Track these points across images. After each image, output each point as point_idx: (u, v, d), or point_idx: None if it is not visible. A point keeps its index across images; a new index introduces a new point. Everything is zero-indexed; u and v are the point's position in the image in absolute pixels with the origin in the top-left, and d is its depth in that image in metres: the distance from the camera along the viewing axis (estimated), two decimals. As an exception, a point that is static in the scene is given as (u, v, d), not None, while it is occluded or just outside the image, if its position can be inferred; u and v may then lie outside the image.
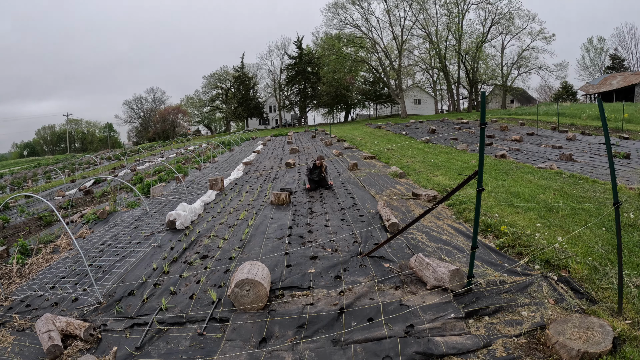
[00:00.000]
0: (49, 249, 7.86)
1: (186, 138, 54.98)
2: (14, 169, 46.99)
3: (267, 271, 4.59)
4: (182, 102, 72.20)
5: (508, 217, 6.10)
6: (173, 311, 4.31)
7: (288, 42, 58.87)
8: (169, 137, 64.06)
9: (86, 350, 3.84)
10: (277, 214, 7.71)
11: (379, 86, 54.33)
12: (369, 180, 10.40)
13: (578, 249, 4.70)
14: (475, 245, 3.87)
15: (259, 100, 62.36)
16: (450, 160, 12.49)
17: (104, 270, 5.86)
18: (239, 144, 30.58)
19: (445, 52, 46.33)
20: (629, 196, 6.92)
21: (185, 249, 6.29)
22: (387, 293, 4.17)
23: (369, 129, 30.49)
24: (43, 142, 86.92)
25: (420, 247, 5.37)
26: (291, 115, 62.18)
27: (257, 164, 16.95)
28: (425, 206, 7.46)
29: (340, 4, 44.83)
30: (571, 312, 3.54)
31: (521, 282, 4.12)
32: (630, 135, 17.81)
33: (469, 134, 21.26)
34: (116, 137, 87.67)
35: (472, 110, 45.89)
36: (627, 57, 53.06)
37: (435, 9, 45.43)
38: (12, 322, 4.68)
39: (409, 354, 3.16)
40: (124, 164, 29.59)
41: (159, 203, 10.76)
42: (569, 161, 12.09)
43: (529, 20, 42.97)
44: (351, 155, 16.03)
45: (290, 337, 3.63)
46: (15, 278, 6.43)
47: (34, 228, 10.34)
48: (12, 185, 27.28)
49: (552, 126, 22.02)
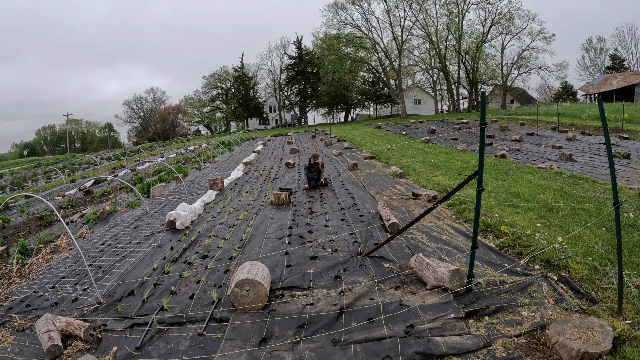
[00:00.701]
0: (49, 249, 7.86)
1: (186, 138, 54.99)
2: (14, 169, 47.00)
3: (267, 271, 4.59)
4: (181, 103, 72.28)
5: (508, 217, 6.11)
6: (173, 311, 4.31)
7: (288, 42, 58.99)
8: (169, 137, 64.06)
9: (86, 350, 3.84)
10: (277, 214, 7.71)
11: (379, 86, 54.32)
12: (369, 180, 10.40)
13: (578, 249, 4.70)
14: (475, 245, 3.87)
15: (259, 100, 62.37)
16: (450, 160, 12.49)
17: (104, 270, 5.86)
18: (239, 144, 30.58)
19: (445, 52, 46.35)
20: (629, 196, 6.92)
21: (185, 249, 6.30)
22: (387, 293, 4.17)
23: (369, 129, 30.49)
24: (43, 142, 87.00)
25: (420, 247, 5.37)
26: (291, 115, 62.18)
27: (257, 164, 16.95)
28: (425, 206, 7.46)
29: (340, 4, 44.92)
30: (571, 312, 3.54)
31: (521, 282, 4.12)
32: (630, 135, 17.82)
33: (469, 134, 21.27)
34: (116, 137, 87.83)
35: (472, 110, 45.91)
36: (627, 57, 53.21)
37: (435, 9, 45.53)
38: (12, 322, 4.68)
39: (409, 354, 3.16)
40: (124, 164, 29.59)
41: (159, 203, 10.77)
42: (569, 161, 12.09)
43: (529, 20, 43.08)
44: (351, 155, 16.03)
45: (290, 337, 3.63)
46: (15, 278, 6.43)
47: (34, 228, 10.34)
48: (12, 185, 27.26)
49: (552, 126, 22.03)
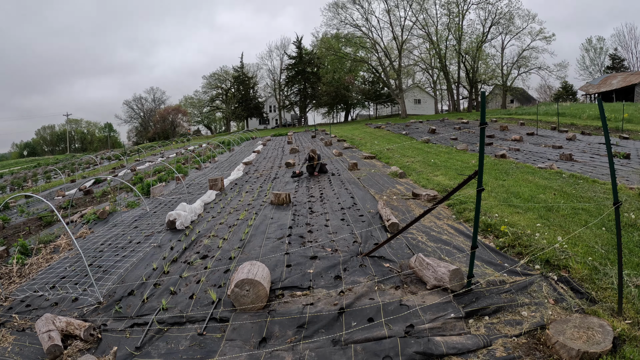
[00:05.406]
0: (49, 249, 7.86)
1: (186, 138, 54.97)
2: (14, 169, 46.95)
3: (267, 271, 4.59)
4: (181, 103, 72.25)
5: (508, 217, 6.10)
6: (173, 311, 4.31)
7: (288, 42, 59.04)
8: (169, 137, 64.06)
9: (86, 350, 3.84)
10: (277, 214, 7.71)
11: (379, 86, 54.32)
12: (369, 180, 10.40)
13: (578, 249, 4.70)
14: (475, 245, 3.87)
15: (258, 100, 62.36)
16: (450, 160, 12.49)
17: (104, 270, 5.86)
18: (239, 144, 30.57)
19: (445, 52, 46.35)
20: (629, 196, 6.91)
21: (185, 249, 6.30)
22: (387, 293, 4.17)
23: (369, 129, 30.48)
24: (43, 142, 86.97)
25: (420, 247, 5.37)
26: (291, 115, 62.17)
27: (257, 164, 16.96)
28: (425, 206, 7.46)
29: (341, 3, 44.94)
30: (571, 312, 3.54)
31: (521, 282, 4.12)
32: (630, 135, 17.82)
33: (469, 134, 21.26)
34: (116, 137, 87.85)
35: (472, 110, 45.91)
36: (627, 57, 53.18)
37: (435, 9, 45.63)
38: (12, 322, 4.68)
39: (409, 354, 3.16)
40: (123, 164, 29.58)
41: (159, 203, 10.77)
42: (569, 161, 12.08)
43: (529, 20, 43.05)
44: (351, 155, 16.03)
45: (290, 337, 3.63)
46: (15, 278, 6.42)
47: (34, 228, 10.34)
48: (12, 185, 27.26)
49: (552, 126, 22.03)
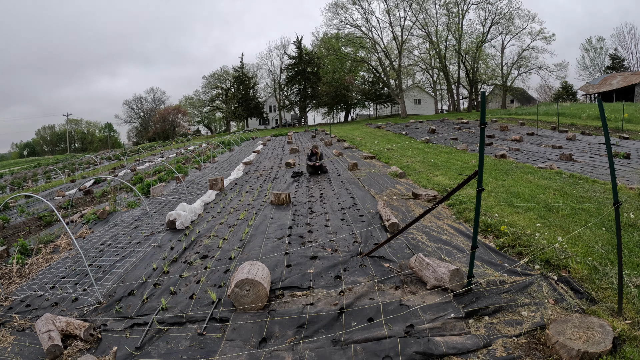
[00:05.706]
0: (49, 249, 7.86)
1: (186, 138, 54.96)
2: (14, 169, 46.95)
3: (267, 271, 4.59)
4: (181, 103, 72.25)
5: (508, 217, 6.10)
6: (173, 311, 4.31)
7: (288, 42, 59.12)
8: (169, 137, 64.07)
9: (86, 350, 3.84)
10: (277, 214, 7.71)
11: (379, 86, 54.34)
12: (369, 180, 10.40)
13: (578, 249, 4.70)
14: (475, 245, 3.87)
15: (258, 100, 62.37)
16: (450, 160, 12.49)
17: (104, 270, 5.86)
18: (239, 144, 30.57)
19: (445, 52, 46.36)
20: (629, 196, 6.91)
21: (185, 249, 6.30)
22: (387, 293, 4.17)
23: (369, 129, 30.48)
24: (43, 142, 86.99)
25: (420, 247, 5.37)
26: (291, 115, 62.18)
27: (257, 164, 16.96)
28: (425, 206, 7.46)
29: (341, 4, 44.96)
30: (571, 312, 3.54)
31: (521, 282, 4.12)
32: (630, 135, 17.82)
33: (469, 134, 21.26)
34: (116, 137, 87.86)
35: (472, 110, 45.91)
36: (627, 57, 53.15)
37: (435, 9, 45.53)
38: (12, 322, 4.68)
39: (409, 354, 3.16)
40: (123, 164, 29.58)
41: (159, 203, 10.77)
42: (569, 161, 12.08)
43: (529, 20, 43.09)
44: (351, 155, 16.03)
45: (290, 337, 3.63)
46: (15, 278, 6.42)
47: (34, 228, 10.34)
48: (12, 185, 27.25)
49: (552, 126, 22.02)
